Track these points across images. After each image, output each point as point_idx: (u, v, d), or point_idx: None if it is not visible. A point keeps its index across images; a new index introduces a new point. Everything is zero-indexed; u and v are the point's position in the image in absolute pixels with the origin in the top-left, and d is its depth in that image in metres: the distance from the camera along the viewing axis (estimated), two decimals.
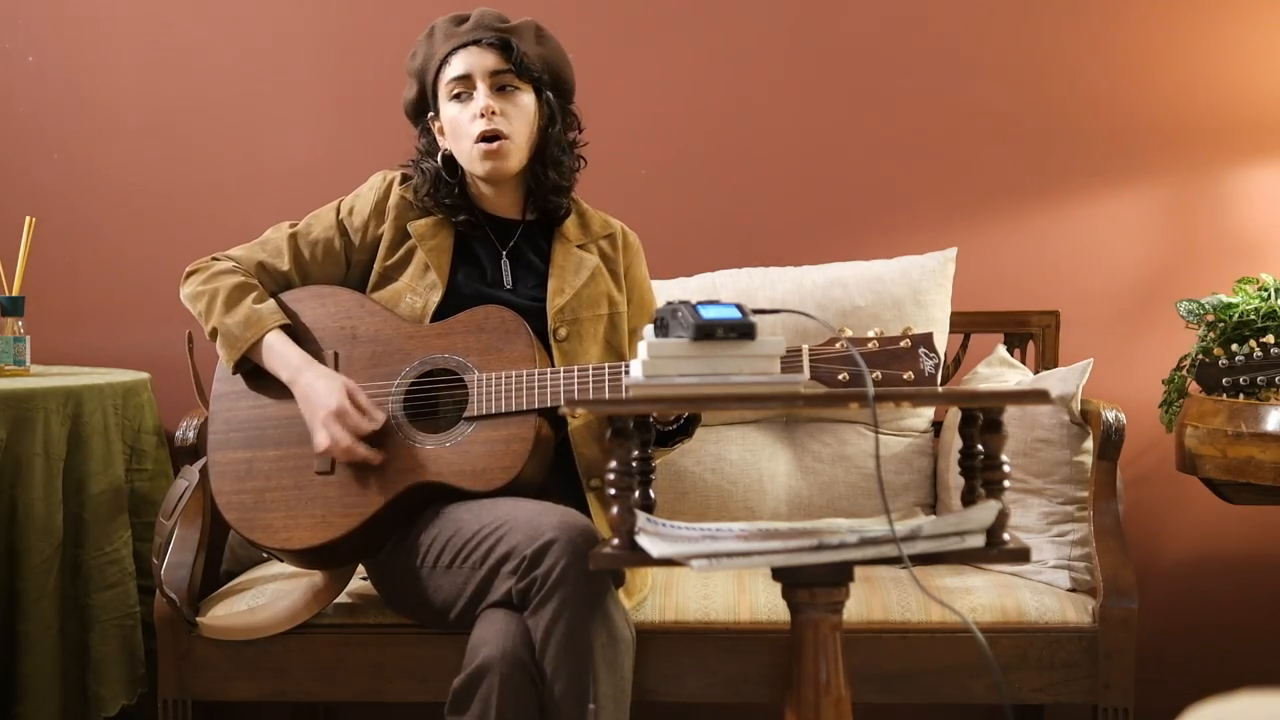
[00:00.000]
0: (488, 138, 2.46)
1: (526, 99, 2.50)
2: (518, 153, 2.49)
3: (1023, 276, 3.18)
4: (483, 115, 2.46)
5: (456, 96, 2.49)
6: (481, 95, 2.46)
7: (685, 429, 2.45)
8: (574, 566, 2.17)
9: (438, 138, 2.55)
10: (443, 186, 2.53)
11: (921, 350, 2.11)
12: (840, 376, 2.11)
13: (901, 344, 2.12)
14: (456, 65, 2.49)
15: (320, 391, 2.40)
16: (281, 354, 2.46)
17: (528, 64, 2.49)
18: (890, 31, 3.20)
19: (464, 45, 2.49)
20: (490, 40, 2.48)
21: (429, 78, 2.53)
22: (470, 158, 2.49)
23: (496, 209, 2.57)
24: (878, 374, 2.10)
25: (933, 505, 2.87)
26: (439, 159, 2.54)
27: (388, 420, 2.41)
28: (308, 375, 2.43)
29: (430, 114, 2.56)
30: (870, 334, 2.13)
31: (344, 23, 3.26)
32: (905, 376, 2.10)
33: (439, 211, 2.54)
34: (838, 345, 2.12)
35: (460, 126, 2.49)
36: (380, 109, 2.97)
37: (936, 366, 2.11)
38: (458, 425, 2.39)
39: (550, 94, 2.53)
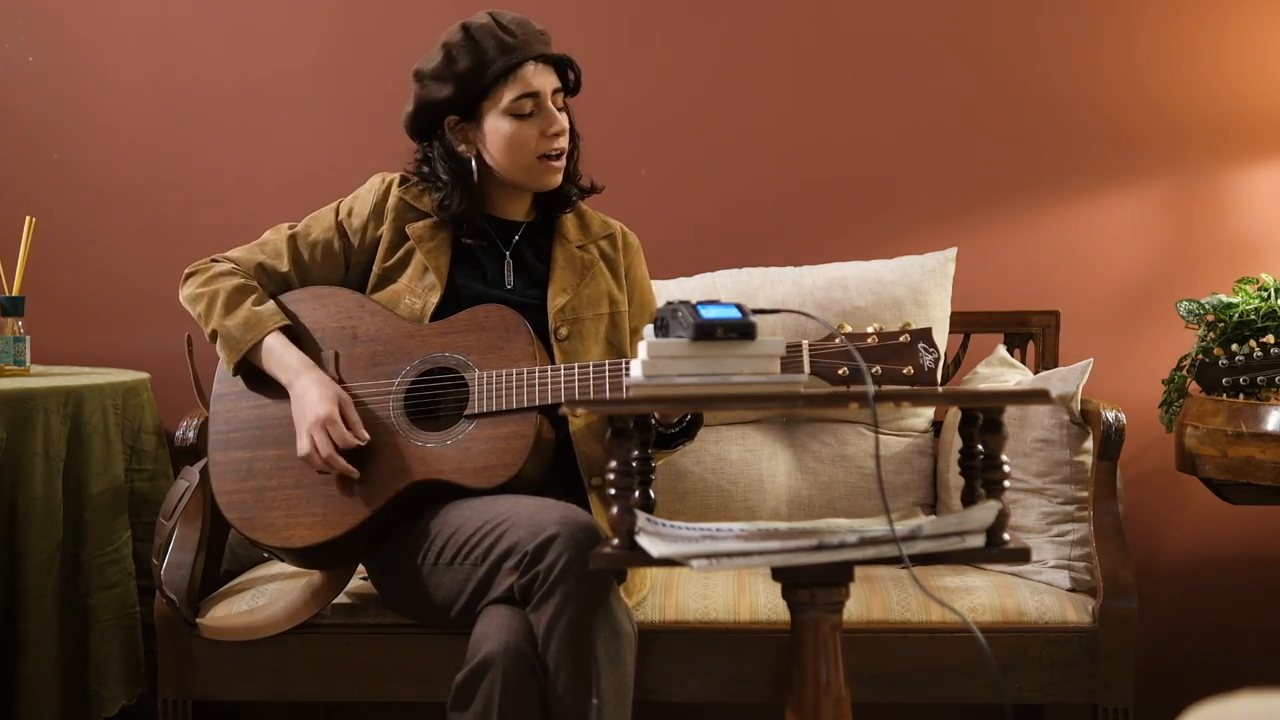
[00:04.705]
0: (556, 155, 2.48)
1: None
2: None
3: (1023, 276, 3.18)
4: (556, 134, 2.47)
5: (524, 113, 2.46)
6: (557, 116, 2.47)
7: (687, 431, 2.45)
8: (576, 562, 2.18)
9: (455, 142, 2.51)
10: (466, 195, 2.51)
11: (921, 345, 2.11)
12: (840, 371, 2.12)
13: (901, 339, 2.12)
14: (527, 81, 2.45)
15: (312, 398, 2.40)
16: (280, 357, 2.46)
17: (577, 86, 2.53)
18: (891, 31, 3.20)
19: (528, 60, 2.46)
20: (551, 58, 2.49)
21: (481, 85, 2.46)
22: (530, 172, 2.49)
23: (504, 212, 2.57)
24: (877, 369, 2.10)
25: (933, 505, 2.87)
26: (469, 165, 2.50)
27: (387, 420, 2.41)
28: (304, 380, 2.43)
29: (451, 118, 2.50)
30: (869, 329, 2.14)
31: (344, 24, 3.26)
32: (905, 371, 2.11)
33: (448, 219, 2.53)
34: (837, 340, 2.12)
35: (524, 142, 2.46)
36: (380, 110, 2.97)
37: (936, 361, 2.12)
38: (458, 423, 2.39)
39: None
